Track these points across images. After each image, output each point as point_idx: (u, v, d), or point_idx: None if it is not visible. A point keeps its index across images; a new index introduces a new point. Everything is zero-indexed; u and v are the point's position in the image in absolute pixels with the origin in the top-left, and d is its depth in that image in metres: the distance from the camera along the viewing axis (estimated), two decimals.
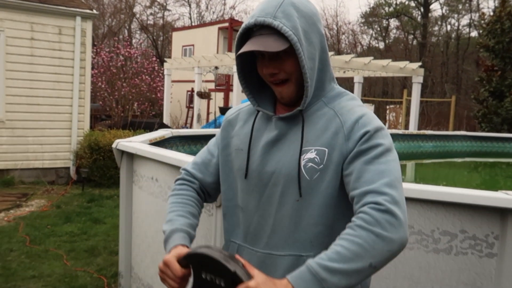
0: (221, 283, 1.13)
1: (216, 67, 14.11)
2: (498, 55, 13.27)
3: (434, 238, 2.09)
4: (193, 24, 32.76)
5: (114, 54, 16.00)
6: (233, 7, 39.67)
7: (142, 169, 3.43)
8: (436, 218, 2.08)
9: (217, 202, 2.39)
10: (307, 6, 1.35)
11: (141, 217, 3.50)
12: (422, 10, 30.23)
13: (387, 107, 18.21)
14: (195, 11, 39.58)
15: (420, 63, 14.01)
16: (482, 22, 15.14)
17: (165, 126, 12.63)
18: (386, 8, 32.41)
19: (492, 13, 16.77)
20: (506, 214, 1.97)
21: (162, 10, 34.37)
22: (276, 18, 1.27)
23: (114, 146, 3.60)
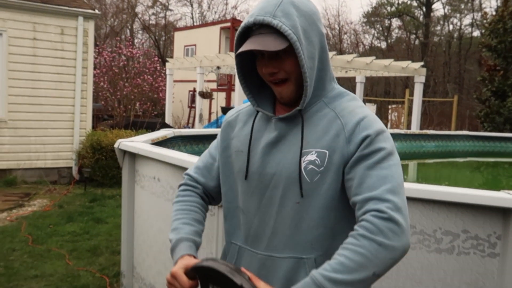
0: None
1: (218, 67, 14.12)
2: (501, 55, 13.24)
3: (436, 238, 2.08)
4: (195, 24, 32.77)
5: (116, 54, 16.04)
6: (235, 7, 39.68)
7: (144, 169, 3.44)
8: (438, 218, 2.08)
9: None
10: (307, 5, 1.33)
11: (143, 216, 3.51)
12: (424, 9, 30.19)
13: (389, 107, 18.19)
14: (197, 11, 39.59)
15: (422, 63, 13.97)
16: (485, 21, 15.10)
17: (167, 126, 12.64)
18: (388, 7, 32.36)
19: (494, 12, 16.71)
20: (508, 214, 1.97)
21: (164, 10, 34.39)
22: (275, 17, 1.25)
23: (116, 146, 3.61)
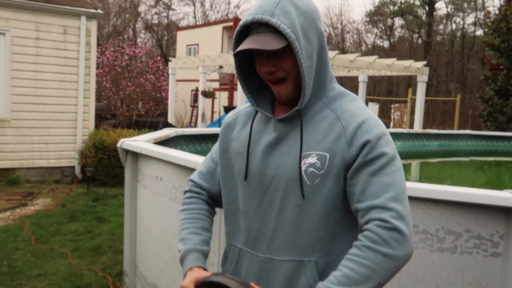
0: None
1: (220, 66, 14.11)
2: (504, 54, 13.21)
3: (439, 237, 2.08)
4: (197, 23, 32.76)
5: (119, 53, 16.06)
6: (237, 6, 39.56)
7: (146, 168, 3.44)
8: (441, 217, 2.07)
9: None
10: (306, 3, 1.31)
11: (145, 216, 3.51)
12: (427, 8, 30.11)
13: (392, 106, 18.17)
14: (200, 10, 39.62)
15: (425, 62, 13.94)
16: (488, 20, 15.06)
17: (169, 125, 12.66)
18: (391, 6, 32.31)
19: (497, 11, 16.69)
20: (511, 213, 1.96)
21: (166, 9, 34.42)
22: (274, 16, 1.24)
23: (119, 145, 3.61)
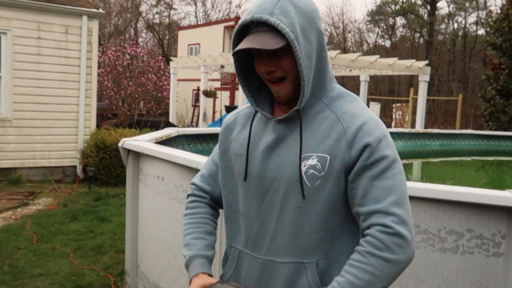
0: None
1: (222, 66, 14.11)
2: (506, 53, 13.19)
3: (441, 237, 2.08)
4: (199, 23, 32.77)
5: (120, 53, 16.07)
6: (239, 6, 39.49)
7: (148, 167, 3.44)
8: (442, 217, 2.07)
9: None
10: (306, 2, 1.30)
11: (147, 215, 3.52)
12: (428, 8, 30.08)
13: (394, 106, 18.14)
14: (201, 10, 39.67)
15: (426, 62, 13.92)
16: (489, 20, 15.04)
17: (171, 125, 12.65)
18: (393, 6, 32.29)
19: (499, 11, 16.66)
20: None
21: (168, 9, 34.43)
22: (273, 15, 1.22)
23: (120, 145, 3.62)
